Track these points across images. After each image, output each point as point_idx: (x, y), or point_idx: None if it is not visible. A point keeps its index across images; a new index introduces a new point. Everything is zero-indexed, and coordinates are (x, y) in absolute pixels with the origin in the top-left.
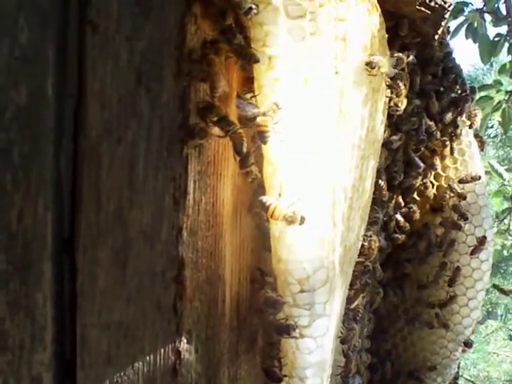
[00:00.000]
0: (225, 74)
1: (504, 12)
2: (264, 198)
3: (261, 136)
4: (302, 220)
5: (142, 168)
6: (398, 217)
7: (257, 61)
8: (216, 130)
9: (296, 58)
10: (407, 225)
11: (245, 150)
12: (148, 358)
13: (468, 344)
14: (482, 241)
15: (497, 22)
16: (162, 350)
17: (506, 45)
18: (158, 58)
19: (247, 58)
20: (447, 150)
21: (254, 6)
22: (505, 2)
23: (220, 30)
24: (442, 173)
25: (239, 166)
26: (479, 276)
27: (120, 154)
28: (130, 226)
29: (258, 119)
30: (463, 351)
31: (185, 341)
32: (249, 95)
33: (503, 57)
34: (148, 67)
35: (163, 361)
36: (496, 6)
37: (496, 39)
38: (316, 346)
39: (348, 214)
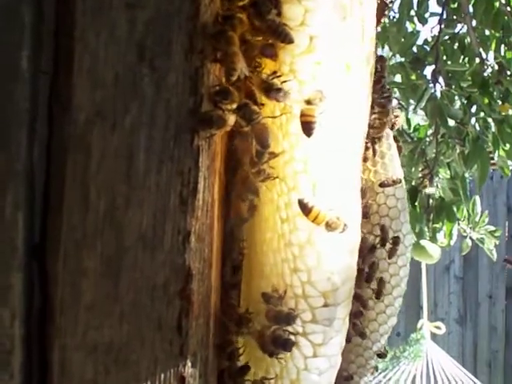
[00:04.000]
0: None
1: None
2: (305, 199)
3: (306, 128)
4: (344, 228)
5: (142, 160)
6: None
7: (292, 41)
8: (232, 119)
9: (337, 41)
10: None
11: (271, 143)
12: None
13: (382, 354)
14: (395, 241)
15: None
16: (163, 376)
17: None
18: (166, 30)
19: (281, 37)
20: (369, 152)
21: None
22: None
23: (252, 2)
24: (362, 175)
25: (253, 163)
26: (396, 282)
27: (115, 143)
28: (125, 230)
29: (304, 108)
30: (379, 356)
31: (189, 364)
32: (277, 80)
33: None
34: (153, 41)
35: None
36: None
37: None
38: (329, 366)
39: None
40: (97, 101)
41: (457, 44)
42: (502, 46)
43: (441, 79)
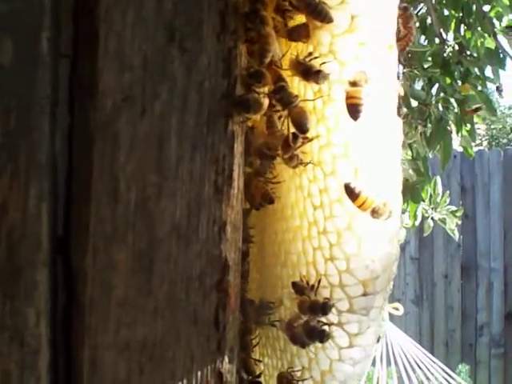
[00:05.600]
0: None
1: None
2: (352, 183)
3: (352, 110)
4: (390, 215)
5: (174, 148)
6: None
7: (331, 20)
8: (266, 103)
9: (380, 19)
10: None
11: (310, 127)
12: (181, 383)
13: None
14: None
15: None
16: (200, 373)
17: None
18: (196, 9)
19: (321, 17)
20: None
21: None
22: None
23: None
24: None
25: (286, 148)
26: None
27: (144, 130)
28: (157, 221)
29: (350, 90)
30: None
31: (227, 360)
32: (315, 61)
33: None
34: (182, 21)
35: None
36: None
37: None
38: (364, 356)
39: None
40: (124, 85)
41: (417, 24)
42: (462, 25)
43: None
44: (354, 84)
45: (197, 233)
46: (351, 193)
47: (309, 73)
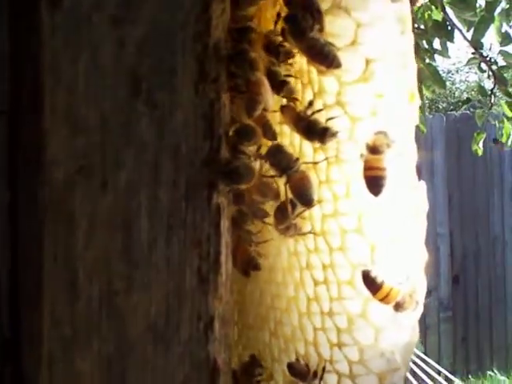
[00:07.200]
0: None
1: None
2: (373, 272)
3: (373, 184)
4: (415, 307)
5: (144, 229)
6: None
7: (339, 65)
8: (258, 166)
9: (399, 63)
10: None
11: (314, 197)
12: None
13: None
14: None
15: None
16: None
17: None
18: (167, 53)
19: (327, 62)
20: None
21: None
22: None
23: (287, 16)
24: None
25: (281, 218)
26: None
27: (106, 209)
28: (128, 320)
29: (369, 158)
30: None
31: None
32: (318, 116)
33: None
34: (150, 68)
35: None
36: None
37: None
38: None
39: None
40: (78, 152)
41: None
42: None
43: None
44: (373, 150)
45: (178, 332)
46: (371, 284)
47: (312, 131)
